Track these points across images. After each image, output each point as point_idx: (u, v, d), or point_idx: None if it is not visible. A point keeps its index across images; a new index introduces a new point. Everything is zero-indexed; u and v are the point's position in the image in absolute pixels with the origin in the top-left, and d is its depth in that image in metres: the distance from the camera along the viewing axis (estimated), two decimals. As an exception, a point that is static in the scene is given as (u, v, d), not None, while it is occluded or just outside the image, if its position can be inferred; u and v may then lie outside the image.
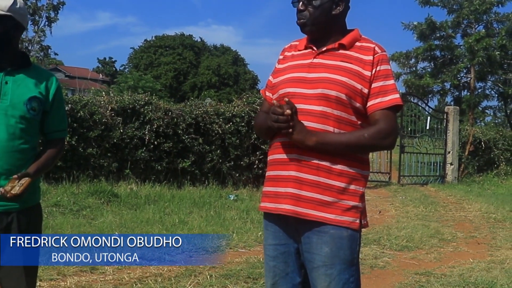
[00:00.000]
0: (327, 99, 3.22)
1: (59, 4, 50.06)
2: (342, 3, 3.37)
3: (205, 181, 14.62)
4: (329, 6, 3.34)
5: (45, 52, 52.85)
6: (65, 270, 6.85)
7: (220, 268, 7.53)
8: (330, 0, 3.34)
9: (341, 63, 3.28)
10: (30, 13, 48.76)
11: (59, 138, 3.82)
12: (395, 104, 3.22)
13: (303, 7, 3.37)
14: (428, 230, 10.79)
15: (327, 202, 3.21)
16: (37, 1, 49.36)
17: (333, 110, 3.21)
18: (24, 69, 3.61)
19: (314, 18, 3.34)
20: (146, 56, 78.70)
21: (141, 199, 11.89)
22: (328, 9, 3.34)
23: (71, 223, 9.23)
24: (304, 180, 3.23)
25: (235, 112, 15.24)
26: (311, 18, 3.35)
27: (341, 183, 3.22)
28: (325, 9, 3.34)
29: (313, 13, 3.34)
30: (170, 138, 14.13)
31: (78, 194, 11.46)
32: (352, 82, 3.22)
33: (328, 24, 3.37)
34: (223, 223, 10.37)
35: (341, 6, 3.36)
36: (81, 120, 12.84)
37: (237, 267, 7.57)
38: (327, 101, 3.22)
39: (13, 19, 3.55)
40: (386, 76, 3.26)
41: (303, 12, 3.37)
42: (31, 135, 3.63)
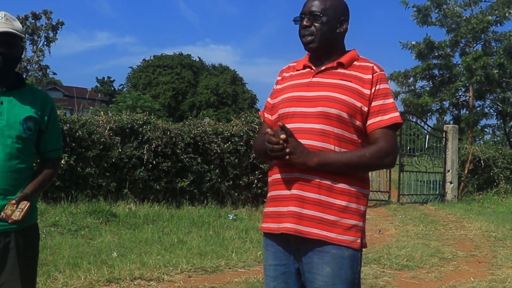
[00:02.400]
0: (327, 117, 3.22)
1: (58, 24, 50.28)
2: (345, 23, 3.41)
3: (204, 201, 14.59)
4: (335, 24, 3.37)
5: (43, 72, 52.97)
6: None
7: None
8: (335, 18, 3.37)
9: (341, 82, 3.29)
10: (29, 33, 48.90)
11: (55, 158, 3.85)
12: (395, 122, 3.22)
13: (309, 23, 3.37)
14: (429, 249, 10.74)
15: (329, 221, 3.20)
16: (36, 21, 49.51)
17: (333, 128, 3.21)
18: (19, 89, 3.63)
19: (322, 34, 3.35)
20: (144, 75, 78.92)
21: (139, 219, 11.84)
22: (334, 27, 3.37)
23: (70, 243, 9.17)
24: (306, 199, 3.22)
25: (233, 131, 15.24)
26: (319, 34, 3.35)
27: (342, 201, 3.21)
28: (331, 26, 3.36)
29: (321, 29, 3.35)
30: (168, 157, 14.10)
31: (77, 214, 11.41)
32: (352, 100, 3.22)
33: (333, 42, 3.39)
34: (222, 242, 10.32)
35: (344, 26, 3.40)
36: (79, 140, 12.81)
37: (237, 287, 7.54)
38: (327, 119, 3.22)
39: (23, 41, 3.59)
40: (386, 94, 3.26)
41: (309, 28, 3.37)
42: (28, 155, 3.64)
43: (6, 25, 3.46)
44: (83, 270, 7.54)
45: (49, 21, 49.94)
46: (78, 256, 8.30)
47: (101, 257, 8.46)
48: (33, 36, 50.01)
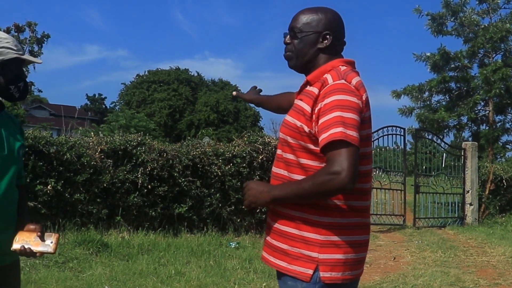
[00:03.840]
0: (280, 142, 3.39)
1: (43, 37, 50.37)
2: (329, 37, 3.38)
3: (203, 228, 14.48)
4: (314, 39, 3.39)
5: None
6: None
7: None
8: (315, 33, 3.38)
9: (297, 102, 3.35)
10: (12, 46, 49.05)
11: (25, 184, 3.90)
12: (331, 140, 3.00)
13: (289, 40, 3.47)
14: (448, 278, 10.67)
15: (281, 249, 3.30)
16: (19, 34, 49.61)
17: (283, 153, 3.35)
18: (1, 114, 3.62)
19: (298, 51, 3.42)
20: (138, 92, 79.19)
21: (133, 249, 11.74)
22: (313, 42, 3.39)
23: (56, 277, 9.07)
24: (269, 226, 3.41)
25: (235, 152, 15.14)
26: (296, 51, 3.42)
27: (292, 229, 3.26)
28: (309, 42, 3.39)
29: (297, 46, 3.41)
30: (165, 181, 14.00)
31: (64, 245, 11.30)
32: (294, 120, 3.26)
33: (313, 59, 3.41)
34: (223, 273, 10.24)
35: (328, 40, 3.38)
36: (67, 163, 12.72)
37: (240, 323, 7.46)
38: (280, 144, 3.39)
39: None
40: (332, 108, 3.08)
41: (289, 46, 3.47)
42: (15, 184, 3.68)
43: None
44: (71, 307, 7.47)
45: (34, 33, 50.11)
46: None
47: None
48: (16, 50, 50.27)
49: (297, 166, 3.24)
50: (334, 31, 3.39)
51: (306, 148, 3.20)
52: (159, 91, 78.83)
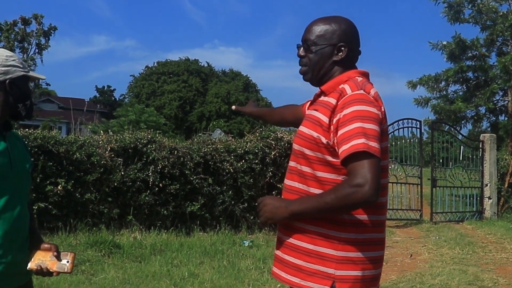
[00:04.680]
0: (294, 154, 3.38)
1: (50, 30, 50.27)
2: (344, 49, 3.37)
3: (216, 226, 14.55)
4: (329, 51, 3.38)
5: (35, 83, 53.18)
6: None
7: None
8: (330, 45, 3.37)
9: (312, 112, 3.35)
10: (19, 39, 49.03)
11: (30, 202, 3.94)
12: (354, 151, 3.01)
13: (303, 53, 3.46)
14: (466, 276, 10.68)
15: (294, 264, 3.29)
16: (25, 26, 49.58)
17: (298, 165, 3.33)
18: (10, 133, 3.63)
19: (313, 65, 3.41)
20: (148, 84, 79.11)
21: (146, 249, 11.81)
22: (328, 55, 3.39)
23: (69, 281, 9.15)
24: (281, 241, 3.40)
25: (247, 148, 15.19)
26: (311, 65, 3.42)
27: (307, 244, 3.25)
28: (324, 55, 3.39)
29: (312, 60, 3.40)
30: (176, 179, 14.07)
31: (76, 246, 11.41)
32: (311, 131, 3.25)
33: (328, 71, 3.41)
34: (237, 274, 10.29)
35: (344, 52, 3.37)
36: (77, 163, 12.83)
37: (254, 327, 7.53)
38: (294, 156, 3.38)
39: None
40: (352, 119, 3.09)
41: (303, 59, 3.46)
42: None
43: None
44: (84, 312, 7.56)
45: (40, 26, 50.08)
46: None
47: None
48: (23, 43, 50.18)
49: (313, 179, 3.23)
50: (349, 42, 3.39)
51: (323, 160, 3.20)
52: (168, 82, 78.76)
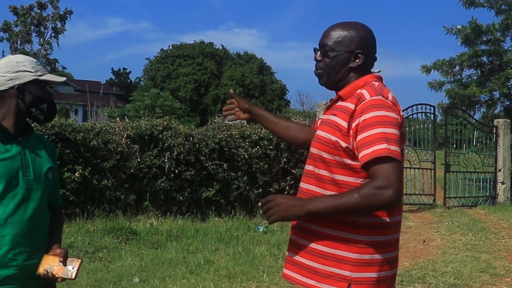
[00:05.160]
0: (312, 157, 3.38)
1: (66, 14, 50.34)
2: (361, 56, 3.39)
3: (231, 211, 14.65)
4: (346, 58, 3.39)
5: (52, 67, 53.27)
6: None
7: (250, 319, 7.56)
8: (347, 52, 3.39)
9: (329, 117, 3.36)
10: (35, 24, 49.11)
11: (61, 205, 3.99)
12: (377, 156, 3.05)
13: (320, 58, 3.46)
14: (478, 264, 10.70)
15: (309, 267, 3.31)
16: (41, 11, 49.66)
17: (316, 168, 3.33)
18: (30, 137, 3.69)
19: (329, 70, 3.43)
20: (163, 67, 79.05)
21: (162, 236, 11.90)
22: (345, 61, 3.40)
23: (87, 269, 9.24)
24: (294, 243, 3.41)
25: (262, 134, 15.25)
26: (327, 70, 3.44)
27: (323, 247, 3.27)
28: (340, 61, 3.40)
29: (329, 65, 3.42)
30: (192, 165, 14.18)
31: (93, 233, 11.51)
32: (329, 135, 3.27)
33: (344, 76, 3.42)
34: (252, 261, 10.36)
35: (360, 59, 3.39)
36: (94, 150, 12.93)
37: (269, 315, 7.60)
38: (312, 160, 3.37)
39: None
40: (372, 124, 3.13)
41: (320, 63, 3.46)
42: (46, 207, 3.74)
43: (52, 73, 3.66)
44: (102, 301, 7.66)
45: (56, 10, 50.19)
46: (97, 284, 8.40)
47: (122, 284, 8.57)
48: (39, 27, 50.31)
49: (331, 182, 3.25)
50: (366, 49, 3.40)
51: (342, 164, 3.22)
52: (183, 65, 78.66)
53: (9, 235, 3.48)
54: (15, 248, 3.50)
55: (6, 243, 3.48)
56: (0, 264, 3.49)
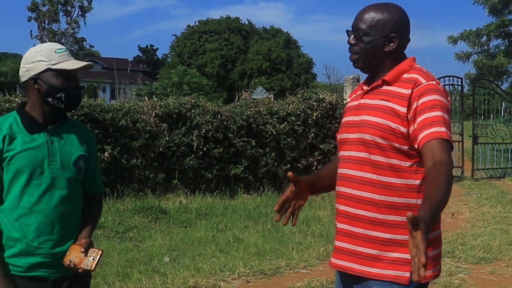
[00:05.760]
0: (364, 143, 3.28)
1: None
2: (396, 40, 3.33)
3: (259, 188, 14.66)
4: (381, 42, 3.33)
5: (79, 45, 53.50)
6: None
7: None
8: (382, 36, 3.32)
9: (380, 102, 3.29)
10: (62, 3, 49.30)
11: (99, 193, 3.97)
12: (439, 137, 3.06)
13: (354, 41, 3.38)
14: (508, 237, 10.66)
15: (369, 255, 3.25)
16: (69, -11, 49.85)
17: (369, 155, 3.26)
18: (63, 125, 3.69)
19: (365, 55, 3.36)
20: (189, 43, 78.85)
21: (191, 214, 11.94)
22: (380, 46, 3.34)
23: (118, 249, 9.30)
24: (349, 233, 3.33)
25: (290, 110, 15.22)
26: (363, 54, 3.36)
27: (383, 233, 3.22)
28: (376, 46, 3.34)
29: (365, 49, 3.34)
30: (220, 142, 14.19)
31: (123, 212, 11.57)
32: (386, 122, 3.21)
33: (380, 61, 3.37)
34: (281, 238, 10.37)
35: (395, 43, 3.33)
36: (123, 129, 12.98)
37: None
38: (364, 146, 3.28)
39: None
40: (431, 107, 3.14)
41: (354, 47, 3.39)
42: (79, 196, 3.75)
43: (76, 60, 3.64)
44: (133, 281, 7.69)
45: (83, -12, 50.40)
46: (128, 264, 8.45)
47: (152, 263, 8.60)
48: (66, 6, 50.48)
49: (388, 168, 3.22)
50: (400, 32, 3.35)
51: (397, 149, 3.19)
52: (210, 41, 78.38)
53: (34, 224, 3.52)
54: (40, 236, 3.53)
55: (32, 232, 3.52)
56: (26, 252, 3.54)
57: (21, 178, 3.52)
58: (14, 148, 3.52)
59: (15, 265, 3.55)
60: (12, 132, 3.55)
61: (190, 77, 34.07)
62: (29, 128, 3.57)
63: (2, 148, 3.51)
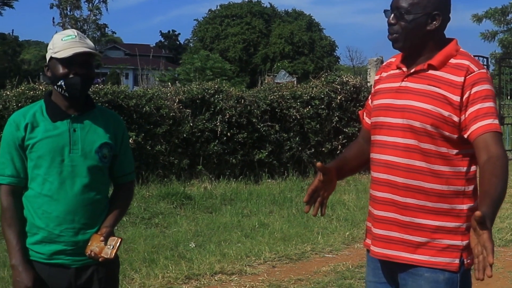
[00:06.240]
0: (412, 130, 3.20)
1: (114, -23, 50.69)
2: (438, 18, 3.25)
3: (284, 172, 14.66)
4: (424, 21, 3.24)
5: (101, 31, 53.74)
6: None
7: (307, 280, 7.59)
8: (424, 14, 3.23)
9: (428, 87, 3.20)
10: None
11: (129, 182, 3.96)
12: (493, 130, 3.05)
13: (394, 21, 3.30)
14: (536, 219, 10.62)
15: (419, 243, 3.20)
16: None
17: (419, 142, 3.18)
18: (89, 113, 3.70)
19: (406, 34, 3.26)
20: (211, 28, 78.87)
21: (216, 199, 11.99)
22: (422, 24, 3.25)
23: (144, 235, 9.38)
24: (394, 221, 3.25)
25: (313, 94, 15.20)
26: (404, 33, 3.26)
27: (432, 221, 3.18)
28: (418, 24, 3.24)
29: (406, 28, 3.25)
30: (244, 128, 14.18)
31: (149, 198, 11.62)
32: (438, 109, 3.14)
33: (422, 41, 3.28)
34: (306, 223, 10.39)
35: (438, 21, 3.25)
36: (147, 116, 13.01)
37: (325, 278, 7.61)
38: (412, 133, 3.19)
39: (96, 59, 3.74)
40: (485, 97, 3.11)
41: (394, 26, 3.30)
42: (104, 184, 3.76)
43: (82, 45, 3.56)
44: (160, 267, 7.74)
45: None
46: (154, 250, 8.50)
47: (178, 249, 8.66)
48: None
49: (438, 156, 3.17)
50: (443, 10, 3.28)
51: (447, 137, 3.15)
52: (232, 25, 78.33)
53: (55, 212, 3.55)
54: (62, 224, 3.57)
55: (53, 219, 3.56)
56: (48, 239, 3.58)
57: (42, 166, 3.56)
58: (36, 136, 3.56)
59: (38, 252, 3.60)
60: (34, 120, 3.59)
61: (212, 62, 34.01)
62: (52, 116, 3.61)
63: (24, 136, 3.56)
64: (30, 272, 3.53)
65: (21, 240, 3.59)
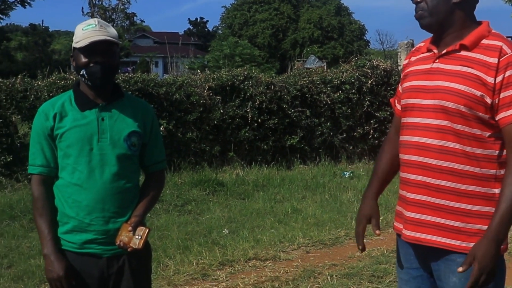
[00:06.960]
0: (445, 111, 3.15)
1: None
2: None
3: (316, 158, 14.66)
4: None
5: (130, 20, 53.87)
6: (175, 279, 7.07)
7: (341, 265, 7.59)
8: None
9: (461, 68, 3.14)
10: (112, -21, 49.71)
11: (160, 170, 3.96)
12: None
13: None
14: None
15: (452, 227, 3.16)
16: (118, -35, 50.22)
17: (452, 124, 3.13)
18: (117, 101, 3.71)
19: (432, 8, 3.18)
20: (239, 14, 78.66)
21: (248, 186, 12.02)
22: None
23: (177, 222, 9.44)
24: (429, 204, 3.20)
25: (343, 78, 15.14)
26: (429, 8, 3.19)
27: (466, 205, 3.14)
28: None
29: (430, 3, 3.18)
30: (274, 113, 14.19)
31: (181, 185, 11.67)
32: (471, 90, 3.08)
33: (449, 16, 3.20)
34: (339, 208, 10.40)
35: None
36: (177, 103, 13.08)
37: (359, 263, 7.60)
38: (445, 114, 3.15)
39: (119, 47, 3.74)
40: None
41: (420, 4, 3.23)
42: (133, 172, 3.76)
43: (102, 33, 3.54)
44: (194, 254, 7.79)
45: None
46: (188, 237, 8.58)
47: (212, 236, 8.71)
48: (116, -18, 50.95)
49: (471, 138, 3.12)
50: None
51: (479, 118, 3.09)
52: (260, 11, 78.02)
53: (85, 201, 3.58)
54: (92, 213, 3.59)
55: (83, 208, 3.59)
56: (79, 228, 3.61)
57: (71, 155, 3.59)
58: (64, 126, 3.59)
59: (69, 241, 3.63)
60: (63, 110, 3.62)
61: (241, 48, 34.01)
62: (81, 105, 3.63)
63: (53, 125, 3.59)
64: (61, 262, 3.56)
65: (53, 229, 3.62)
